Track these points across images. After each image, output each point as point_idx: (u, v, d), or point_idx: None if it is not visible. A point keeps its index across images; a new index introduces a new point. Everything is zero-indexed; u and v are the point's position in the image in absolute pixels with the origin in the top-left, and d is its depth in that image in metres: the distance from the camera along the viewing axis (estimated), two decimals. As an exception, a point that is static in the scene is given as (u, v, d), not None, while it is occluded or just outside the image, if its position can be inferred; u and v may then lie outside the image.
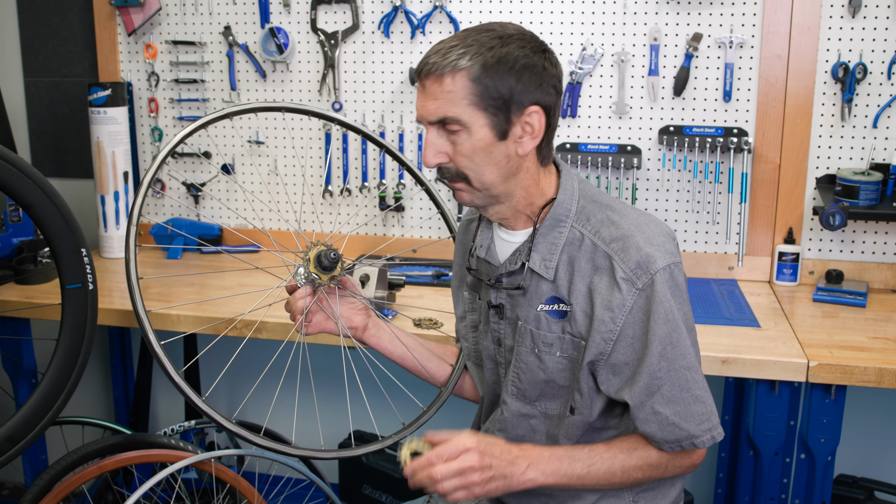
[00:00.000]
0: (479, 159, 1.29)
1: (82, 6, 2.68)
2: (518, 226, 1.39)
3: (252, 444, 1.47)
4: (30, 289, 2.24)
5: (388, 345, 1.56)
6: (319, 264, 1.45)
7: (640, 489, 1.41)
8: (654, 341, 1.27)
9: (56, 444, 2.57)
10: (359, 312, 1.53)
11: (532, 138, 1.29)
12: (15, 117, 2.81)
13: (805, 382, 1.74)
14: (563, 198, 1.35)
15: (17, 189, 1.70)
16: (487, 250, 1.43)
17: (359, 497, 2.55)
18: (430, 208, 2.52)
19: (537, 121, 1.29)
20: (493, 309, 1.43)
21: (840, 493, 2.21)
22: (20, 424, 1.73)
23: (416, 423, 1.58)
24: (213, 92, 2.63)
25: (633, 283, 1.27)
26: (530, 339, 1.37)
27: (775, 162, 2.28)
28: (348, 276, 1.52)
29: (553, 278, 1.34)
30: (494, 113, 1.26)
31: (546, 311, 1.35)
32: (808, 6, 2.18)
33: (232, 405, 2.90)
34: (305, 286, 1.46)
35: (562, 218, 1.34)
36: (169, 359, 1.44)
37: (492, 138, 1.27)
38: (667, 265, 1.27)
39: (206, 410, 1.45)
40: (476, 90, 1.25)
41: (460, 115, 1.26)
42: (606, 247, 1.30)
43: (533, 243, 1.35)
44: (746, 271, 2.33)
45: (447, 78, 1.25)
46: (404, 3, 2.42)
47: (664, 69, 2.31)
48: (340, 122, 1.76)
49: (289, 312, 1.50)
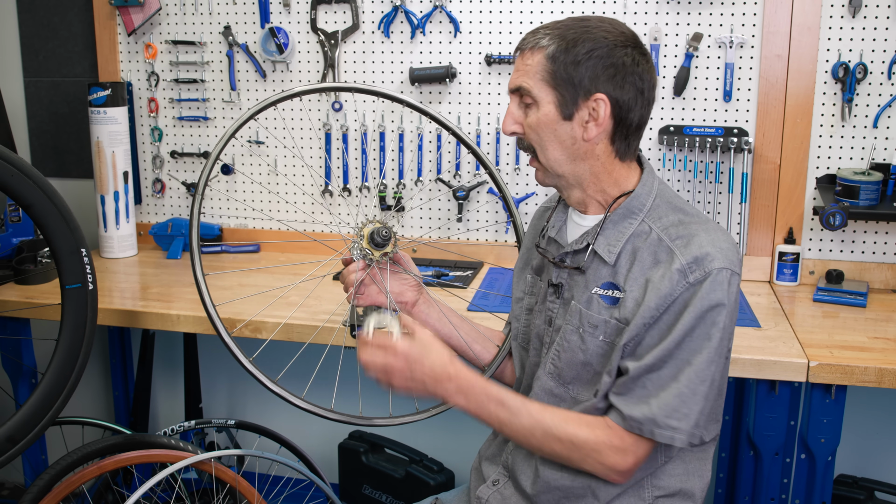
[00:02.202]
0: (544, 134, 1.36)
1: (82, 6, 2.68)
2: (590, 211, 1.44)
3: (326, 418, 1.54)
4: (30, 289, 2.24)
5: (437, 322, 1.61)
6: (372, 241, 1.52)
7: (658, 494, 1.40)
8: (680, 329, 1.27)
9: (56, 444, 2.57)
10: (411, 288, 1.59)
11: (596, 126, 1.34)
12: (15, 117, 2.81)
13: (805, 382, 1.73)
14: (641, 192, 1.40)
15: (17, 189, 1.70)
16: (558, 231, 1.49)
17: (359, 497, 2.55)
18: (429, 208, 2.52)
19: (602, 109, 1.33)
20: (552, 287, 1.47)
21: (840, 493, 2.21)
22: (20, 424, 1.73)
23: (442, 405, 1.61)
24: (213, 92, 2.63)
25: (685, 276, 1.28)
26: (577, 319, 1.40)
27: (775, 162, 2.27)
28: (402, 252, 1.59)
29: (614, 263, 1.37)
30: (562, 93, 1.34)
31: (600, 295, 1.38)
32: (809, 6, 2.18)
33: (232, 405, 2.90)
34: (359, 260, 1.54)
35: (635, 210, 1.39)
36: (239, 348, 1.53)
37: (556, 116, 1.35)
38: (724, 268, 1.28)
39: (279, 391, 1.53)
40: (549, 68, 1.33)
41: (532, 88, 1.35)
42: (671, 242, 1.33)
43: (602, 228, 1.39)
44: (747, 271, 2.32)
45: (528, 54, 1.36)
46: (404, 3, 2.42)
47: (664, 69, 2.30)
48: (412, 106, 1.77)
49: (342, 284, 1.59)
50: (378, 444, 2.55)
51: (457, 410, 1.37)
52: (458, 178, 2.48)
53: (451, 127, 1.76)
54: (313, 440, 2.74)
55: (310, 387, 1.74)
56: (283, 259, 2.54)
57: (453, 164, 2.49)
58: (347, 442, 2.57)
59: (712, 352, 1.28)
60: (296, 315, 1.95)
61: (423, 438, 2.64)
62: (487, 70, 2.42)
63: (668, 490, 1.42)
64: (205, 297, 1.51)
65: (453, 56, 2.44)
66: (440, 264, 2.42)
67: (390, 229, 1.52)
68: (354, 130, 2.54)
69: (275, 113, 2.58)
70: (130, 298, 2.19)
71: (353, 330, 1.82)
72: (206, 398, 2.85)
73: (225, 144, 1.54)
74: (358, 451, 2.53)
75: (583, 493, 1.41)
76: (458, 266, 2.41)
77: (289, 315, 1.94)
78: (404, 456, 2.51)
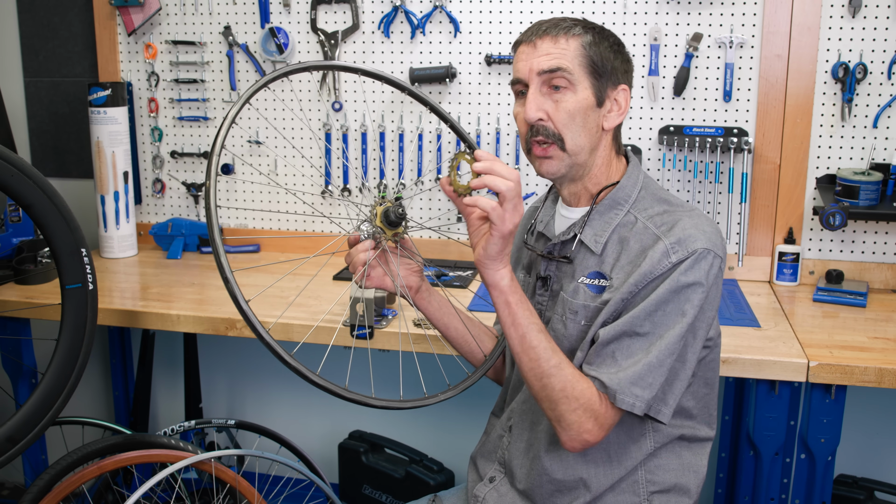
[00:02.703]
0: (579, 120, 1.36)
1: (82, 6, 2.68)
2: (580, 203, 1.46)
3: (369, 406, 1.41)
4: (30, 289, 2.24)
5: (436, 311, 1.61)
6: (386, 219, 1.47)
7: (653, 490, 1.41)
8: (652, 300, 1.29)
9: (56, 444, 2.57)
10: (414, 273, 1.58)
11: (618, 114, 1.40)
12: (15, 117, 2.81)
13: (805, 382, 1.74)
14: (627, 184, 1.42)
15: (17, 189, 1.70)
16: (546, 225, 1.52)
17: (359, 497, 2.55)
18: (429, 209, 2.52)
19: (624, 98, 1.40)
20: (540, 280, 1.48)
21: (840, 493, 2.21)
22: (20, 424, 1.73)
23: (460, 385, 1.56)
24: (213, 92, 2.63)
25: (667, 255, 1.30)
26: (562, 307, 1.42)
27: (775, 162, 2.27)
28: (407, 236, 1.55)
29: (600, 253, 1.39)
30: (597, 79, 1.36)
31: (586, 284, 1.40)
32: (808, 6, 2.18)
33: (232, 405, 2.90)
34: (368, 240, 1.49)
35: (621, 202, 1.41)
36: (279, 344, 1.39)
37: (592, 102, 1.37)
38: (707, 248, 1.30)
39: (322, 383, 1.38)
40: (585, 54, 1.35)
41: (573, 70, 1.35)
42: (657, 229, 1.35)
43: (589, 219, 1.41)
44: (746, 271, 2.33)
45: (562, 39, 1.35)
46: (404, 3, 2.42)
47: (664, 69, 2.31)
48: (412, 93, 1.68)
49: (348, 263, 1.52)
50: (378, 444, 2.55)
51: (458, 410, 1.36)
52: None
53: (446, 116, 1.72)
54: (313, 440, 2.74)
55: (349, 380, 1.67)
56: (284, 259, 2.54)
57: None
58: (347, 442, 2.57)
59: (685, 327, 1.29)
60: (295, 314, 1.95)
61: (423, 438, 2.64)
62: (487, 70, 2.42)
63: (663, 485, 1.42)
64: (237, 295, 1.30)
65: (453, 56, 2.44)
66: (440, 264, 2.42)
67: (405, 208, 1.48)
68: (354, 130, 2.54)
69: (275, 113, 2.58)
70: (130, 298, 2.19)
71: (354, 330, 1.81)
72: (206, 398, 2.85)
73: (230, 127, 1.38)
74: (358, 451, 2.53)
75: (575, 485, 1.42)
76: (458, 266, 2.41)
77: (319, 318, 1.94)
78: (404, 456, 2.51)
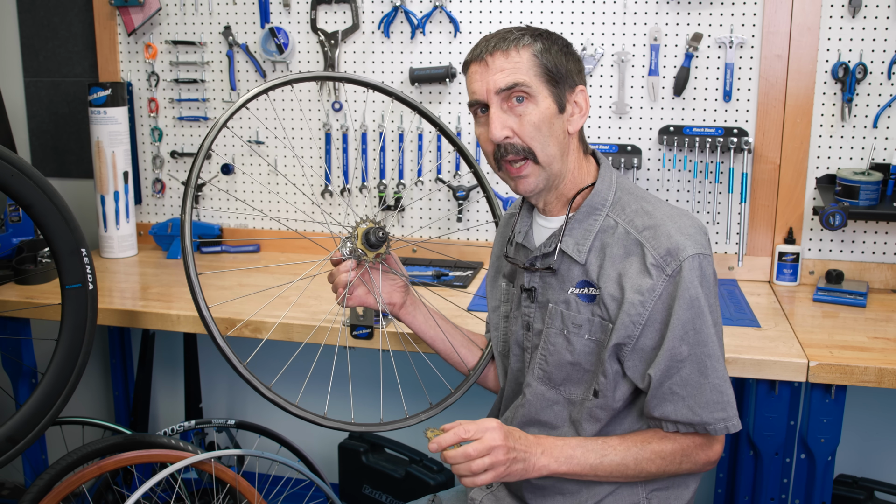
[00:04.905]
0: (545, 130, 1.35)
1: (82, 6, 2.68)
2: (556, 212, 1.44)
3: (348, 431, 1.50)
4: (30, 289, 2.24)
5: (423, 325, 1.61)
6: (367, 241, 1.47)
7: (653, 487, 1.42)
8: (677, 325, 1.30)
9: (56, 444, 2.58)
10: (398, 290, 1.57)
11: (581, 116, 1.39)
12: (15, 117, 2.81)
13: (805, 382, 1.73)
14: (602, 187, 1.41)
15: (17, 189, 1.70)
16: (525, 236, 1.49)
17: (359, 497, 2.55)
18: (429, 208, 2.52)
19: (583, 99, 1.39)
20: (526, 292, 1.47)
21: (840, 493, 2.21)
22: (20, 424, 1.73)
23: (442, 404, 1.59)
24: (213, 92, 2.63)
25: (662, 270, 1.31)
26: (560, 321, 1.41)
27: (775, 162, 2.27)
28: (392, 253, 1.55)
29: (584, 262, 1.38)
30: (555, 86, 1.35)
31: (576, 295, 1.39)
32: (808, 6, 2.18)
33: (232, 405, 2.90)
34: (350, 260, 1.49)
35: (598, 206, 1.40)
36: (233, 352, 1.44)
37: (554, 109, 1.36)
38: (696, 254, 1.31)
39: (301, 414, 1.46)
40: (539, 63, 1.34)
41: (530, 83, 1.34)
42: (639, 234, 1.34)
43: (567, 227, 1.40)
44: (746, 271, 2.32)
45: (513, 52, 1.34)
46: (404, 3, 2.42)
47: (664, 69, 2.30)
48: (401, 99, 1.75)
49: (331, 284, 1.54)
50: (378, 444, 2.55)
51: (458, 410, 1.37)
52: (458, 179, 2.48)
53: (435, 120, 1.76)
54: (313, 440, 2.74)
55: (304, 389, 1.71)
56: (283, 259, 2.54)
57: (453, 164, 2.49)
58: (347, 442, 2.57)
59: (712, 331, 1.33)
60: (296, 315, 1.95)
61: (422, 439, 2.64)
62: (487, 70, 2.42)
63: (663, 483, 1.43)
64: (198, 297, 1.40)
65: (453, 56, 2.44)
66: (440, 264, 2.42)
67: (385, 230, 1.48)
68: (354, 130, 2.54)
69: (275, 112, 2.58)
70: (130, 298, 2.19)
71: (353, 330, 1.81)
72: (206, 398, 2.85)
73: (215, 137, 1.46)
74: (358, 451, 2.53)
75: (577, 489, 1.41)
76: (457, 266, 2.41)
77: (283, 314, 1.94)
78: (404, 456, 2.51)
